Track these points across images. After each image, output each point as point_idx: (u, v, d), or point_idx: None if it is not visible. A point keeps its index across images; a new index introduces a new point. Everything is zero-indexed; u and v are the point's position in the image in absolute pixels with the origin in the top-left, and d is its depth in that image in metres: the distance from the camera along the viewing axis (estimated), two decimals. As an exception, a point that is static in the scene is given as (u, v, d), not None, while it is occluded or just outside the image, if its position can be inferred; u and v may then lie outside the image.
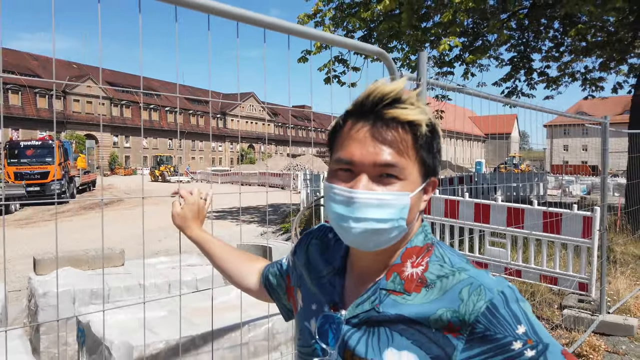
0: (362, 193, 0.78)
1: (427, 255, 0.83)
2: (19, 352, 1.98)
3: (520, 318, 0.74)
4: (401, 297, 0.80)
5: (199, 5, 1.27)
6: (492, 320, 0.74)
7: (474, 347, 0.74)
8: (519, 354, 0.72)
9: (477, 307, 0.74)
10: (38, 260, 3.45)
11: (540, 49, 13.80)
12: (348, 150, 0.80)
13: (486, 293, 0.75)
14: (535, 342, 0.73)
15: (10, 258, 8.67)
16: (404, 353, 0.78)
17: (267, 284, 1.15)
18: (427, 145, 0.81)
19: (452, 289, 0.78)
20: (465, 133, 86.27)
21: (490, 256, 5.93)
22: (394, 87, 0.79)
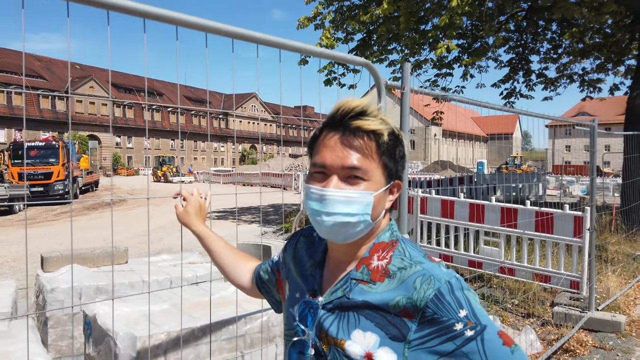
0: (332, 191, 0.92)
1: (392, 250, 0.97)
2: (31, 341, 2.13)
3: (463, 304, 0.86)
4: (367, 286, 0.94)
5: (196, 25, 1.41)
6: (439, 305, 0.86)
7: (425, 328, 0.87)
8: (460, 333, 0.85)
9: (426, 294, 0.87)
10: (46, 258, 3.61)
11: (539, 50, 13.91)
12: (321, 155, 0.95)
13: (435, 282, 0.88)
14: (474, 324, 0.85)
15: (17, 257, 8.83)
16: (367, 333, 0.91)
17: (258, 280, 1.29)
18: (389, 151, 0.95)
19: (408, 279, 0.90)
20: (467, 133, 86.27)
21: (484, 255, 6.07)
22: (360, 102, 0.95)
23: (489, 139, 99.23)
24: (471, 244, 6.21)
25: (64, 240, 10.39)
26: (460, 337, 0.85)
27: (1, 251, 9.47)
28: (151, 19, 1.36)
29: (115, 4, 1.30)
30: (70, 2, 1.25)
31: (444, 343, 0.85)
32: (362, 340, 0.91)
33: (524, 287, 5.62)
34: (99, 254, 3.84)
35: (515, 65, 13.91)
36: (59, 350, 3.14)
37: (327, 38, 10.59)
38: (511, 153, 68.03)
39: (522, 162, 48.48)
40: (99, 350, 2.44)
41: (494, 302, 5.38)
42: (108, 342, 2.29)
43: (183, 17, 1.41)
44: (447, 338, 0.85)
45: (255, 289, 1.31)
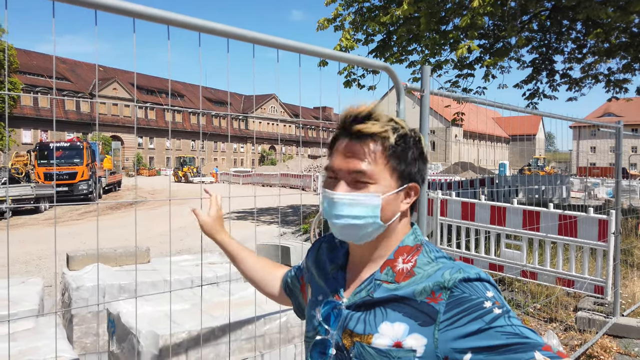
0: (338, 194, 0.96)
1: (416, 254, 0.99)
2: (58, 338, 2.19)
3: (489, 288, 0.90)
4: (392, 286, 0.96)
5: (220, 31, 1.44)
6: (467, 287, 0.89)
7: (453, 308, 0.89)
8: (489, 310, 0.87)
9: (455, 276, 0.90)
10: (71, 257, 3.70)
11: (563, 50, 13.66)
12: (332, 161, 1.00)
13: (463, 272, 0.91)
14: (501, 304, 0.88)
15: (42, 255, 9.07)
16: (395, 324, 0.93)
17: (286, 288, 1.34)
18: (397, 154, 0.96)
19: (435, 273, 0.93)
20: (488, 134, 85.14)
21: (505, 258, 5.99)
22: (364, 107, 0.97)
23: (511, 140, 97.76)
24: (492, 247, 6.13)
25: (87, 239, 10.61)
26: (489, 314, 0.86)
27: (28, 249, 9.73)
28: (176, 26, 1.39)
29: (137, 12, 1.33)
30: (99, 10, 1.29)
31: (474, 321, 0.87)
32: (391, 332, 0.93)
33: (546, 291, 5.53)
34: (121, 254, 3.92)
35: (539, 65, 13.68)
36: (84, 347, 3.21)
37: (347, 39, 10.59)
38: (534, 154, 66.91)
39: (545, 164, 47.60)
40: (122, 348, 2.49)
41: (515, 306, 5.31)
42: (131, 340, 2.34)
43: (207, 23, 1.44)
44: (477, 316, 0.87)
45: (285, 297, 1.35)
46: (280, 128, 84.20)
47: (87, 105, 56.92)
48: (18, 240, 11.06)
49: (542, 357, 0.83)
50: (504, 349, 0.84)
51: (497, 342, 0.85)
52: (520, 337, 0.85)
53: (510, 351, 0.84)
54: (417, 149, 0.99)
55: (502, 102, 3.16)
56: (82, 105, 56.35)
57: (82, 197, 21.73)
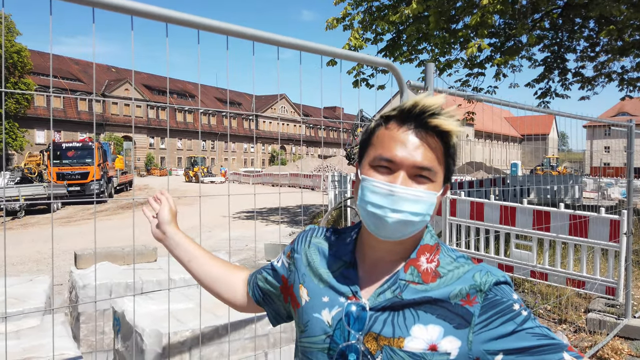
0: (403, 188, 0.90)
1: (437, 253, 0.98)
2: (62, 336, 2.20)
3: (514, 293, 0.93)
4: (420, 287, 0.94)
5: (219, 28, 1.43)
6: (499, 291, 0.91)
7: (487, 311, 0.90)
8: (518, 313, 0.90)
9: (488, 281, 0.92)
10: (79, 256, 3.72)
11: (575, 48, 13.50)
12: (390, 149, 0.92)
13: (493, 276, 0.93)
14: (525, 307, 0.92)
15: (54, 254, 9.16)
16: (429, 326, 0.91)
17: (256, 292, 1.19)
18: (453, 154, 0.96)
19: (465, 275, 0.94)
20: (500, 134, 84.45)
21: (515, 259, 5.93)
22: (436, 101, 0.92)
23: (523, 139, 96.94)
24: (501, 247, 6.07)
25: (98, 238, 10.70)
26: (519, 317, 0.89)
27: (39, 248, 9.84)
28: (175, 24, 1.38)
29: (139, 10, 1.33)
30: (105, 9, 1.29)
31: (506, 323, 0.89)
32: (424, 334, 0.91)
33: (556, 292, 5.46)
34: (129, 252, 3.94)
35: (551, 64, 13.53)
36: (90, 345, 3.23)
37: (356, 39, 10.56)
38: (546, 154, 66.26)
39: (558, 164, 47.10)
40: (127, 346, 2.50)
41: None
42: (135, 338, 2.35)
43: (208, 21, 1.43)
44: (509, 318, 0.89)
45: (252, 304, 1.21)
46: (290, 128, 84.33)
47: (99, 106, 57.47)
48: (30, 239, 11.20)
49: (569, 357, 0.86)
50: (535, 350, 0.87)
51: (528, 343, 0.87)
52: (548, 338, 0.88)
53: (541, 352, 0.87)
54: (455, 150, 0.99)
55: (513, 101, 3.12)
56: (94, 106, 56.92)
57: (94, 196, 21.95)
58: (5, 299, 2.42)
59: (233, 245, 8.23)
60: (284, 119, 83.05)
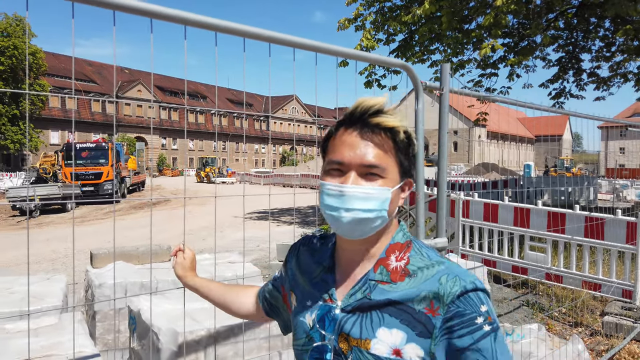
0: (351, 187, 0.92)
1: (408, 251, 0.98)
2: (80, 334, 2.23)
3: (483, 301, 0.90)
4: (388, 286, 0.94)
5: (236, 30, 1.44)
6: (463, 301, 0.89)
7: (449, 321, 0.89)
8: (479, 327, 0.88)
9: (453, 290, 0.89)
10: (95, 255, 3.77)
11: (590, 48, 13.34)
12: (339, 152, 0.95)
13: (460, 281, 0.90)
14: (492, 321, 0.89)
15: (68, 253, 9.28)
16: (394, 330, 0.91)
17: (265, 304, 1.28)
18: (404, 149, 0.97)
19: (432, 277, 0.92)
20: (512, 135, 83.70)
21: (529, 261, 5.87)
22: (378, 100, 0.95)
23: (536, 140, 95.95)
24: (515, 249, 6.02)
25: (111, 238, 10.80)
26: (479, 331, 0.87)
27: (54, 247, 9.97)
28: (193, 26, 1.39)
29: (159, 12, 1.35)
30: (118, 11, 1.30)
31: (464, 337, 0.87)
32: (389, 338, 0.91)
33: (572, 294, 5.40)
34: (143, 252, 3.98)
35: (565, 64, 13.39)
36: (106, 344, 3.26)
37: (368, 39, 10.54)
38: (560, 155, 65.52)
39: (572, 165, 46.53)
40: (142, 345, 2.52)
41: (539, 309, 5.20)
42: (151, 337, 2.37)
43: (225, 23, 1.44)
44: (468, 331, 0.87)
45: (263, 313, 1.30)
46: (301, 129, 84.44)
47: (112, 107, 58.07)
48: (45, 238, 11.36)
49: None
50: None
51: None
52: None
53: None
54: (414, 145, 1.00)
55: (526, 102, 3.09)
56: (107, 107, 57.55)
57: (107, 196, 22.18)
58: (28, 297, 2.47)
59: (245, 246, 8.26)
60: (298, 120, 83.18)
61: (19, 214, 17.31)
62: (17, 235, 12.26)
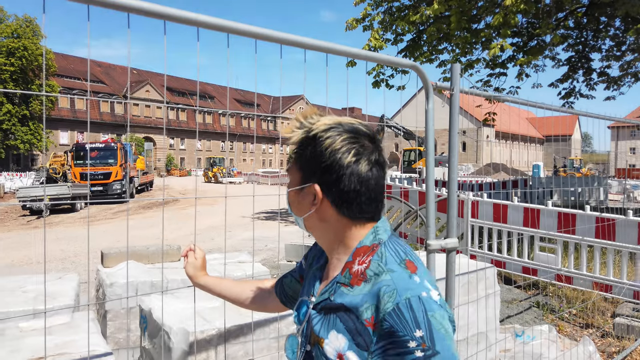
0: None
1: (371, 254, 0.96)
2: (92, 333, 2.24)
3: (421, 324, 0.84)
4: (347, 289, 0.96)
5: (249, 32, 1.45)
6: (396, 320, 0.85)
7: (382, 340, 0.87)
8: (411, 351, 0.83)
9: (386, 307, 0.87)
10: (105, 255, 3.80)
11: (600, 48, 13.23)
12: None
13: (396, 297, 0.87)
14: (427, 347, 0.83)
15: (78, 253, 9.36)
16: (340, 335, 0.93)
17: (282, 295, 1.33)
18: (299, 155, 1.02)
19: (376, 286, 0.90)
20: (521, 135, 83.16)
21: (539, 262, 5.84)
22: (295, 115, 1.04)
23: (545, 140, 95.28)
24: (525, 250, 5.98)
25: (121, 237, 10.89)
26: (410, 355, 0.83)
27: (64, 247, 10.06)
28: (204, 28, 1.40)
29: (172, 15, 1.36)
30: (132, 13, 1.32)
31: (397, 357, 0.85)
32: (335, 341, 0.93)
33: (582, 296, 5.36)
34: (153, 252, 4.00)
35: (575, 63, 13.28)
36: (117, 342, 3.29)
37: (376, 39, 10.52)
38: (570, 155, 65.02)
39: (581, 165, 46.15)
40: (154, 344, 2.54)
41: (550, 310, 5.16)
42: (162, 336, 2.39)
43: (236, 25, 1.45)
44: (400, 352, 0.84)
45: (278, 304, 1.36)
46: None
47: (121, 107, 58.44)
48: (54, 238, 11.45)
49: None
50: None
51: None
52: None
53: None
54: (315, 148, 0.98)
55: (536, 101, 3.07)
56: (116, 107, 57.93)
57: (116, 196, 22.33)
58: (45, 296, 2.49)
59: (254, 246, 8.29)
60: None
61: (29, 214, 17.47)
62: (27, 235, 12.38)
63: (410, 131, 30.30)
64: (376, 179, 0.98)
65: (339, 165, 0.95)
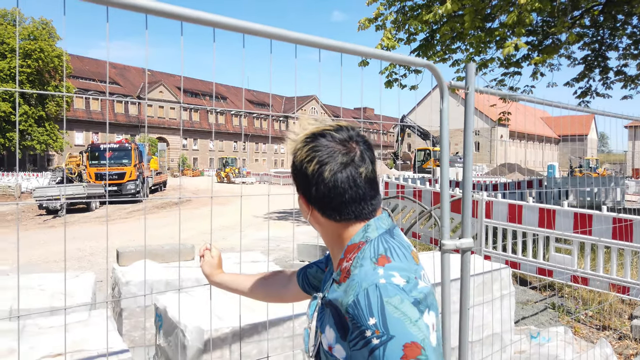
0: None
1: (356, 252, 1.00)
2: (109, 330, 2.27)
3: (374, 312, 0.87)
4: (337, 285, 1.00)
5: (263, 32, 1.46)
6: (355, 312, 0.89)
7: (352, 331, 0.90)
8: (368, 340, 0.87)
9: (348, 299, 0.91)
10: (121, 253, 3.84)
11: (617, 46, 13.02)
12: None
13: (356, 288, 0.91)
14: (381, 333, 0.85)
15: (93, 251, 9.48)
16: (331, 329, 0.98)
17: (305, 284, 1.36)
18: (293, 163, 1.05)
19: (349, 280, 0.95)
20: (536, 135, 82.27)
21: (555, 262, 5.77)
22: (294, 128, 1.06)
23: (560, 140, 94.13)
24: (540, 251, 5.92)
25: (135, 236, 10.99)
26: (368, 345, 0.87)
27: (79, 246, 10.19)
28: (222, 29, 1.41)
29: (189, 16, 1.37)
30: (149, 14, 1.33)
31: (363, 348, 0.88)
32: (329, 335, 0.98)
33: (599, 297, 5.28)
34: (167, 250, 4.04)
35: (591, 62, 13.10)
36: (132, 340, 3.33)
37: (389, 39, 10.48)
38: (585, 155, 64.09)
39: (597, 165, 45.51)
40: (169, 342, 2.57)
41: (565, 312, 5.10)
42: (177, 334, 2.41)
43: (251, 25, 1.46)
44: (364, 343, 0.87)
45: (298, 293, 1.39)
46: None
47: (135, 108, 59.07)
48: (70, 237, 11.61)
49: None
50: None
51: None
52: None
53: None
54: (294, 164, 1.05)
55: (551, 101, 3.04)
56: (130, 108, 58.55)
57: (130, 196, 22.56)
58: (65, 294, 2.53)
59: (265, 245, 8.32)
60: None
61: (45, 213, 17.74)
62: (44, 234, 12.57)
63: (427, 131, 30.16)
64: (349, 180, 0.98)
65: (309, 175, 1.00)
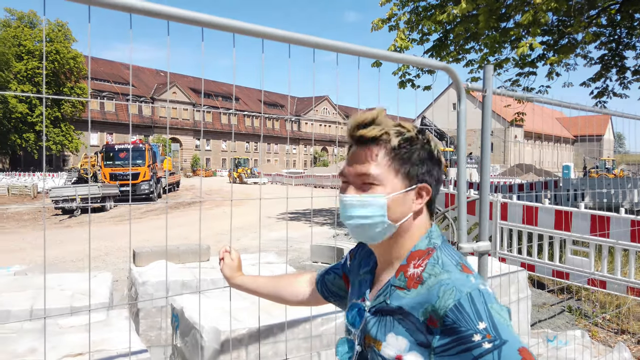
0: (347, 197, 1.01)
1: (427, 258, 1.00)
2: (127, 330, 2.31)
3: (483, 316, 0.86)
4: (403, 292, 0.98)
5: (282, 37, 1.47)
6: (458, 316, 0.87)
7: (445, 337, 0.88)
8: (477, 345, 0.85)
9: (446, 303, 0.89)
10: (138, 254, 3.89)
11: (635, 45, 12.82)
12: (344, 167, 1.06)
13: (456, 293, 0.89)
14: (493, 337, 0.85)
15: (108, 251, 9.59)
16: (399, 337, 0.95)
17: (324, 289, 1.37)
18: (401, 156, 0.99)
19: (433, 287, 0.93)
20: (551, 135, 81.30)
21: (571, 265, 5.70)
22: (366, 115, 1.01)
23: (576, 140, 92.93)
24: (556, 253, 5.85)
25: (150, 237, 11.09)
26: (478, 348, 0.85)
27: (94, 246, 10.31)
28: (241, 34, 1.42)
29: (209, 22, 1.39)
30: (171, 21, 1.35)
31: (463, 353, 0.86)
32: (395, 343, 0.95)
33: (616, 301, 5.21)
34: (183, 251, 4.07)
35: (608, 62, 12.91)
36: (149, 340, 3.36)
37: (402, 39, 10.45)
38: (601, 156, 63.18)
39: (614, 166, 44.82)
40: (185, 342, 2.59)
41: (582, 316, 5.04)
42: (194, 335, 2.43)
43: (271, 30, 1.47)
44: (466, 348, 0.85)
45: (317, 298, 1.40)
46: (332, 130, 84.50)
47: (148, 109, 59.64)
48: (86, 237, 11.75)
49: None
50: None
51: None
52: None
53: None
54: (425, 151, 1.02)
55: (567, 101, 3.00)
56: (144, 109, 59.13)
57: (144, 196, 22.76)
58: (89, 294, 2.57)
59: (279, 246, 8.34)
60: (328, 121, 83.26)
61: (61, 213, 17.98)
62: (60, 234, 12.75)
63: (443, 132, 29.96)
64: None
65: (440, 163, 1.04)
